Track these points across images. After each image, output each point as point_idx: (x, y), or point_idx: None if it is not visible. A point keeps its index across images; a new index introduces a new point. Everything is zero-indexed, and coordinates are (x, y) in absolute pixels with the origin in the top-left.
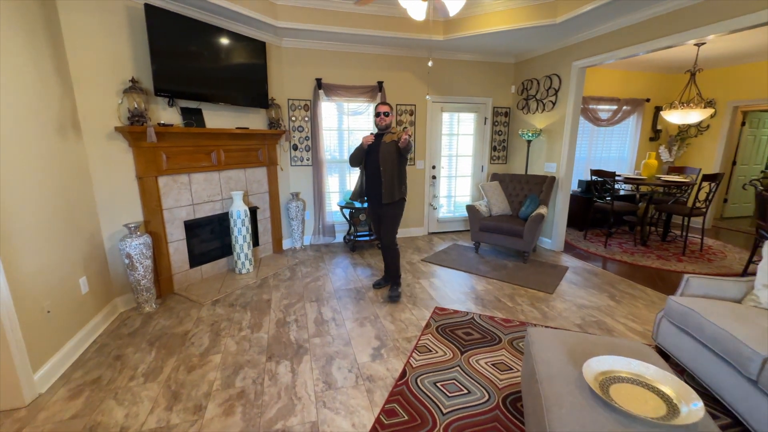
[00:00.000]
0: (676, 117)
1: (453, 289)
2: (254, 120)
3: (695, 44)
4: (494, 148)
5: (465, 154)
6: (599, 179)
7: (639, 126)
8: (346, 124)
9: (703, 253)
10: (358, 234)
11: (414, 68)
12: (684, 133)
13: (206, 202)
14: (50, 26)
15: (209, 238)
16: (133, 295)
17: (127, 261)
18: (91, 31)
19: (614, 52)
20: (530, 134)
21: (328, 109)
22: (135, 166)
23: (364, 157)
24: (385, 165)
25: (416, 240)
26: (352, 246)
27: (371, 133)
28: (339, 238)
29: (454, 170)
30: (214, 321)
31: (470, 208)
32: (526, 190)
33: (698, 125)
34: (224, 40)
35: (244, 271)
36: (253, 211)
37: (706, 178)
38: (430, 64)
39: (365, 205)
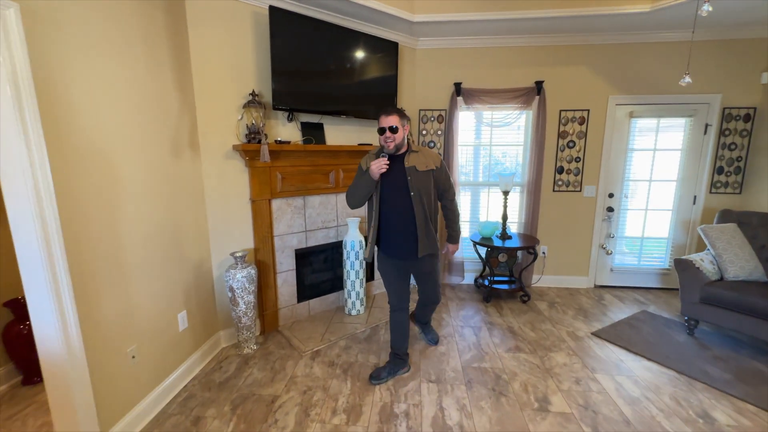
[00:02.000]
0: None
1: (664, 405)
2: None
3: None
4: (719, 170)
5: (665, 179)
6: None
7: None
8: (486, 137)
9: None
10: (496, 279)
11: (591, 59)
12: None
13: (320, 229)
14: (175, 37)
15: (321, 269)
16: (235, 330)
17: (230, 294)
18: (219, 41)
19: None
20: None
21: (465, 119)
22: (250, 188)
23: (372, 191)
24: (419, 201)
25: (577, 295)
26: (487, 295)
27: (383, 155)
28: (468, 278)
29: (644, 201)
30: (308, 387)
31: (683, 265)
32: None
33: None
34: (351, 42)
35: (353, 312)
36: None
37: None
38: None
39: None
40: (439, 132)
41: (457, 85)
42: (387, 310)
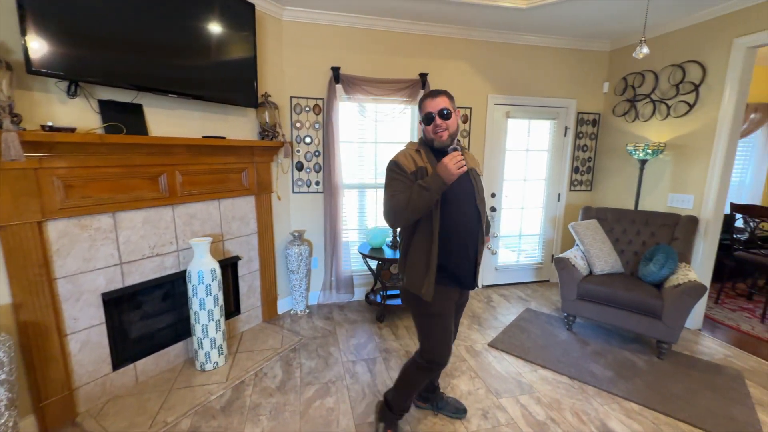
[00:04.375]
0: None
1: (569, 425)
2: (236, 126)
3: None
4: (576, 170)
5: (536, 178)
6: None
7: (761, 141)
8: (372, 133)
9: None
10: (389, 294)
11: (472, 55)
12: None
13: (148, 258)
14: None
15: (154, 313)
16: None
17: None
18: None
19: None
20: (647, 151)
21: (347, 112)
22: None
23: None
24: (483, 213)
25: (469, 300)
26: (380, 314)
27: (455, 148)
28: (359, 294)
29: (521, 200)
30: None
31: (562, 263)
32: (645, 236)
33: None
34: None
35: (208, 366)
36: (233, 265)
37: None
38: (642, 52)
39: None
40: (317, 125)
41: (335, 70)
42: (259, 358)
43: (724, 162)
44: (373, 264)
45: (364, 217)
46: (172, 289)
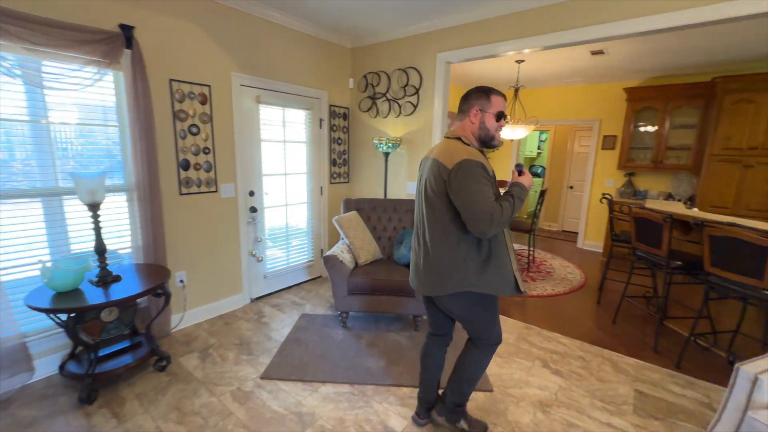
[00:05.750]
0: (506, 132)
1: None
2: None
3: (516, 61)
4: (334, 162)
5: (297, 171)
6: None
7: None
8: (56, 113)
9: (539, 268)
10: (102, 354)
11: (207, 20)
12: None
13: None
14: None
15: None
16: None
17: None
18: None
19: (487, 46)
20: (389, 144)
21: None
22: None
23: None
24: None
25: (235, 321)
26: (88, 391)
27: (521, 164)
28: (44, 369)
29: (283, 196)
30: None
31: (331, 261)
32: (395, 222)
33: None
34: None
35: None
36: None
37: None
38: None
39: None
40: None
41: None
42: None
43: None
44: (66, 317)
45: (37, 245)
46: None
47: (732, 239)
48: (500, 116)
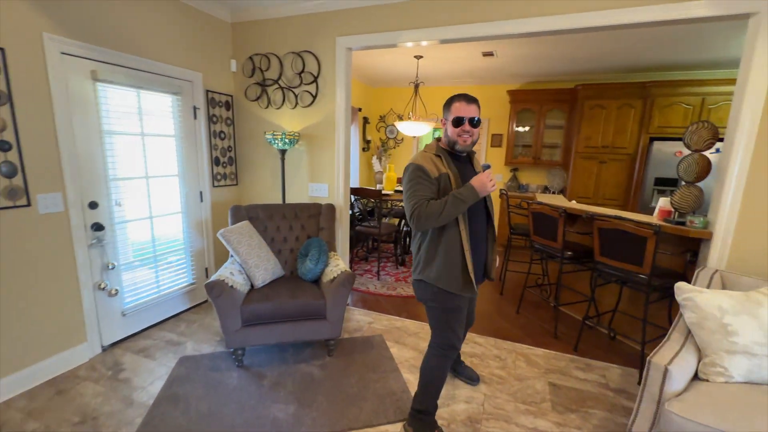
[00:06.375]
0: (408, 128)
1: None
2: None
3: (415, 56)
4: (216, 161)
5: (164, 173)
6: (360, 199)
7: (356, 137)
8: None
9: None
10: None
11: None
12: (386, 145)
13: None
14: None
15: None
16: None
17: None
18: None
19: (388, 34)
20: (285, 140)
21: None
22: None
23: None
24: (492, 208)
25: (73, 387)
26: None
27: (488, 166)
28: None
29: (146, 205)
30: None
31: (217, 289)
32: (297, 231)
33: (395, 138)
34: None
35: None
36: None
37: None
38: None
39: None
40: None
41: None
42: None
43: (344, 151)
44: None
45: None
46: None
47: (618, 231)
48: (457, 122)
